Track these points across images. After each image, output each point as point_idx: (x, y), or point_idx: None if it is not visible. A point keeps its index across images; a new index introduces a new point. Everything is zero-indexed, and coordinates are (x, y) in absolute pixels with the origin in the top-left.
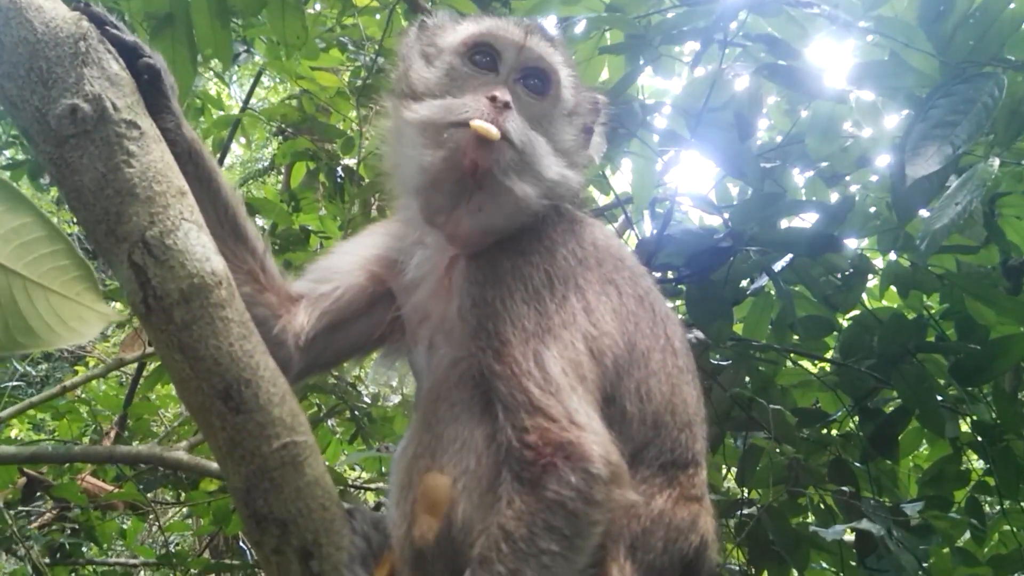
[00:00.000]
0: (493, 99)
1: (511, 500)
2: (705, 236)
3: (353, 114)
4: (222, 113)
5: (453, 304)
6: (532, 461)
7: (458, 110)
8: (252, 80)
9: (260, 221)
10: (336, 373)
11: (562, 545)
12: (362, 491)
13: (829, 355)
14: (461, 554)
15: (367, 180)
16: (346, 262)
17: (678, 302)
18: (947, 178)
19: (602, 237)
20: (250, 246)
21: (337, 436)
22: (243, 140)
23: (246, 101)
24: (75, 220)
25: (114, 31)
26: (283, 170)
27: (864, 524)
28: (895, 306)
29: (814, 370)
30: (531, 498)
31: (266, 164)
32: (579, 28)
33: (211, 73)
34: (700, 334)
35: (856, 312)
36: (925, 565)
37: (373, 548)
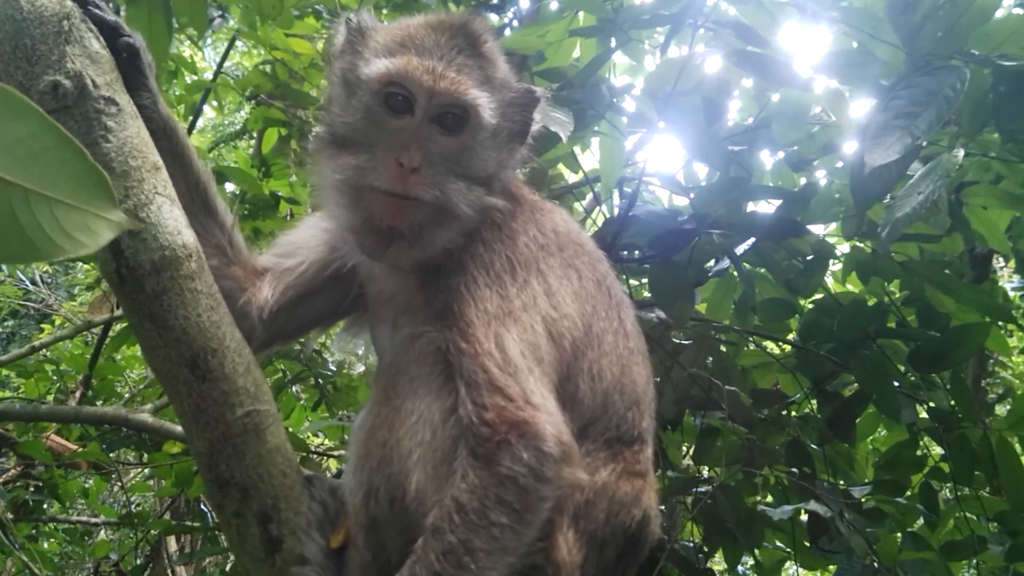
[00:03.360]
0: (401, 165)
1: (465, 474)
2: (669, 217)
3: (326, 82)
4: (195, 78)
5: (417, 287)
6: (488, 437)
7: (370, 175)
8: (226, 44)
9: (230, 187)
10: (301, 340)
11: (512, 518)
12: (324, 458)
13: (790, 338)
14: (414, 523)
15: None
16: (311, 237)
17: (643, 280)
18: (907, 168)
19: (562, 223)
20: (219, 220)
21: (301, 402)
22: (215, 104)
23: (219, 66)
24: None
25: (96, 10)
26: (255, 135)
27: (813, 505)
28: (857, 291)
29: (776, 352)
30: (485, 473)
31: (238, 128)
32: (553, 5)
33: (184, 37)
34: (662, 314)
35: (818, 296)
36: (875, 547)
37: (330, 514)
